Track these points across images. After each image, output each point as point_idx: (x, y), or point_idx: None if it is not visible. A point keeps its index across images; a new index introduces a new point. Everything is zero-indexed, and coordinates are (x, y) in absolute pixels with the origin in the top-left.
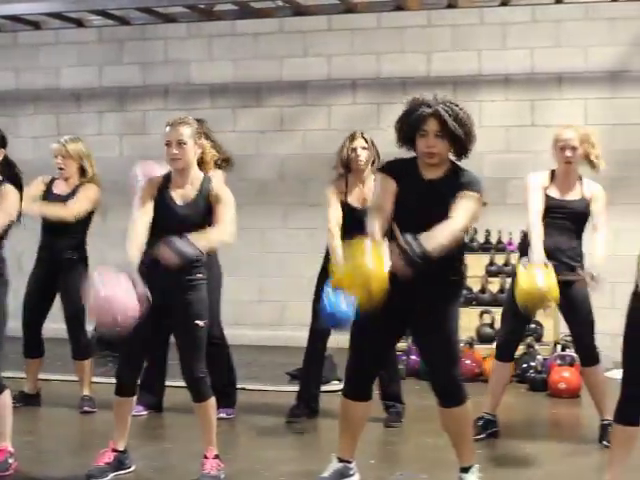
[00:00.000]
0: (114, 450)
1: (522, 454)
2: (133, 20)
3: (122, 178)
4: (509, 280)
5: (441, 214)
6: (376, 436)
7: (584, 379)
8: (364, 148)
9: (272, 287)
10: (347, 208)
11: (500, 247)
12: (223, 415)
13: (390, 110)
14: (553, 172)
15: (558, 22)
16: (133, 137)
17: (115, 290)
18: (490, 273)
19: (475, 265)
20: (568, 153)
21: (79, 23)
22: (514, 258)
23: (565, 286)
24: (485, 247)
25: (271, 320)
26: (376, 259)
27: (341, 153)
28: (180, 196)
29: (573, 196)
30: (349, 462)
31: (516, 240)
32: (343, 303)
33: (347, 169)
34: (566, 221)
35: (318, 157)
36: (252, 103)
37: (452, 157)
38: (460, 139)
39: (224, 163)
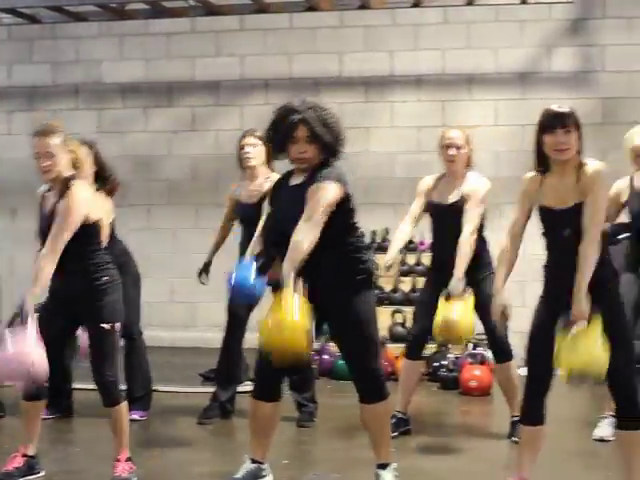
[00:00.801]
0: (24, 455)
1: (434, 452)
2: (43, 19)
3: (32, 178)
4: (421, 279)
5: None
6: (289, 436)
7: (496, 376)
8: (252, 145)
9: (184, 288)
10: (238, 204)
11: (412, 247)
12: (136, 417)
13: None
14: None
15: (469, 24)
16: None
17: (21, 348)
18: (402, 272)
19: None
20: (451, 152)
21: None
22: (425, 258)
23: (474, 285)
24: None
25: (183, 321)
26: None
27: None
28: (48, 206)
29: (454, 197)
30: (262, 463)
31: (428, 240)
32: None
33: (242, 167)
34: (453, 223)
35: (230, 157)
36: (164, 103)
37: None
38: (329, 143)
39: (108, 190)
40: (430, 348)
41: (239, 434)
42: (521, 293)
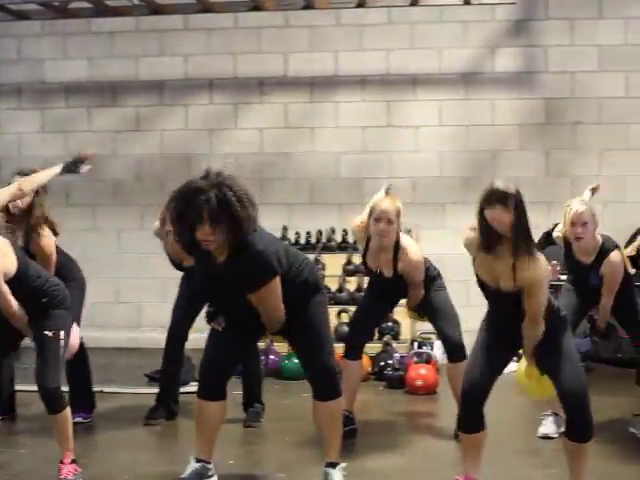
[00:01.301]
0: None
1: (380, 451)
2: None
3: None
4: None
5: (238, 297)
6: (235, 437)
7: (448, 375)
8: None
9: (129, 288)
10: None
11: (357, 246)
12: (80, 419)
13: (247, 110)
14: (368, 241)
15: (413, 24)
16: None
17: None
18: (347, 272)
19: (333, 264)
20: (382, 226)
21: None
22: None
23: (426, 292)
24: (342, 246)
25: (128, 322)
26: None
27: None
28: None
29: (390, 270)
30: (208, 462)
31: None
32: None
33: None
34: (396, 287)
35: (175, 157)
36: (108, 102)
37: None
38: (238, 225)
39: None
40: (375, 347)
41: (185, 434)
42: (466, 293)
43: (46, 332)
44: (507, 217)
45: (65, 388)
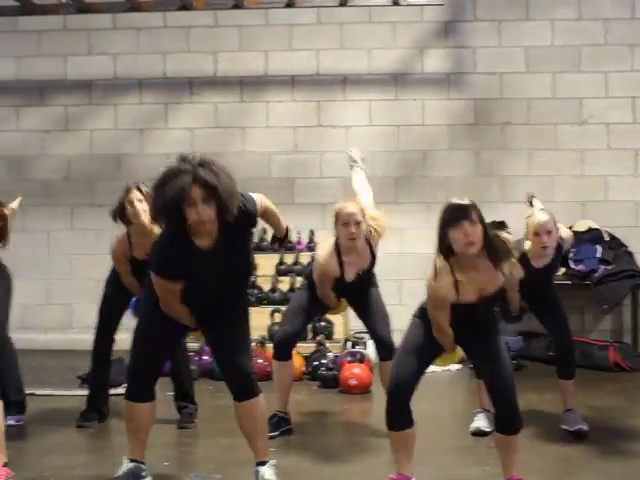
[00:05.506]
0: None
1: (315, 451)
2: None
3: None
4: (299, 279)
5: (228, 278)
6: (169, 438)
7: (381, 373)
8: (139, 200)
9: (59, 289)
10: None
11: (289, 246)
12: (12, 422)
13: (177, 110)
14: (337, 245)
15: (342, 25)
16: None
17: None
18: (280, 272)
19: (265, 265)
20: (353, 229)
21: None
22: (303, 257)
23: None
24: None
25: (59, 323)
26: None
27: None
28: None
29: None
30: (141, 462)
31: (305, 239)
32: None
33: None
34: (355, 297)
35: (104, 157)
36: (36, 102)
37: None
38: (226, 198)
39: None
40: (309, 347)
41: (118, 436)
42: (398, 291)
43: None
44: (477, 229)
45: None
